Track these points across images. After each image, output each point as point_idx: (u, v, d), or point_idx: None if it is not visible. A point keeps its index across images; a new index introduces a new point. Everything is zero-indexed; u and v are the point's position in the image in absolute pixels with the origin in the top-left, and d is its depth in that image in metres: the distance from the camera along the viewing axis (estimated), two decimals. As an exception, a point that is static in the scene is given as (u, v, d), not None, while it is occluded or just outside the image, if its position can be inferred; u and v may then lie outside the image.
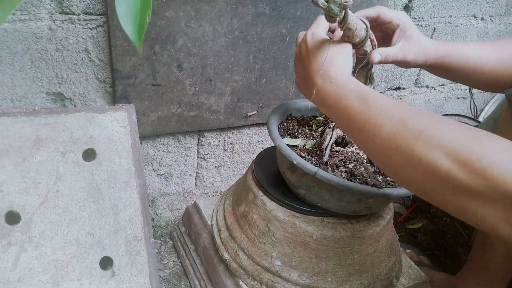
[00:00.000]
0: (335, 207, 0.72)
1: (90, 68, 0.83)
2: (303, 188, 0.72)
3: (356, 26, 0.59)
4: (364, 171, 0.71)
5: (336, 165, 0.71)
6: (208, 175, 1.13)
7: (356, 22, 0.59)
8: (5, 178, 0.71)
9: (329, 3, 0.54)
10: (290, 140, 0.75)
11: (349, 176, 0.70)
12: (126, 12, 0.35)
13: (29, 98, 0.82)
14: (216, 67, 0.92)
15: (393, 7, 1.15)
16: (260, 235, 0.77)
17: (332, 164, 0.71)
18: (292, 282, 0.75)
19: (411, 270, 0.89)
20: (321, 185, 0.69)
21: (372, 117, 0.51)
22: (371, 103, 0.53)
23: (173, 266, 1.03)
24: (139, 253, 0.79)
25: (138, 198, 0.81)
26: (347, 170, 0.71)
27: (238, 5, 0.86)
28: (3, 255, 0.69)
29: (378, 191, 0.66)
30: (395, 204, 1.31)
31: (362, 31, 0.61)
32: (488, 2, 1.30)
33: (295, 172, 0.72)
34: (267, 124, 0.75)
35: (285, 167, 0.75)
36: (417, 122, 0.48)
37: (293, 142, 0.75)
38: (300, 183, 0.72)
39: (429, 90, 1.43)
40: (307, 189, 0.72)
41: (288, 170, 0.74)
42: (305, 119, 0.84)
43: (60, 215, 0.74)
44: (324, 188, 0.69)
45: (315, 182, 0.69)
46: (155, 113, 0.92)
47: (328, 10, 0.55)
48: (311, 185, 0.70)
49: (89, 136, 0.79)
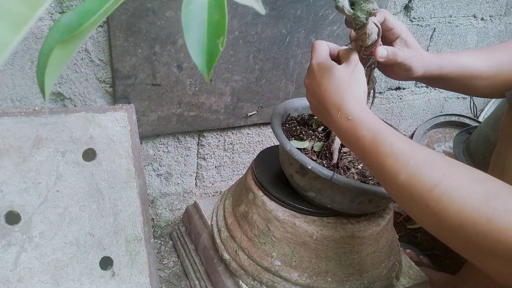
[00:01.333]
0: (346, 208, 0.72)
1: (90, 68, 0.83)
2: (313, 191, 0.72)
3: (372, 30, 0.58)
4: None
5: (346, 167, 0.71)
6: (208, 175, 1.13)
7: (372, 26, 0.58)
8: (5, 178, 0.71)
9: (355, 10, 0.52)
10: (298, 143, 0.75)
11: (361, 177, 0.70)
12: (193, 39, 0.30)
13: (29, 98, 0.82)
14: (216, 67, 0.92)
15: (393, 7, 1.15)
16: (260, 235, 0.77)
17: (343, 166, 0.71)
18: (292, 282, 0.75)
19: (411, 270, 0.89)
20: (334, 188, 0.68)
21: (388, 162, 0.52)
22: (387, 146, 0.52)
23: (173, 266, 1.03)
24: (139, 253, 0.79)
25: (138, 198, 0.81)
26: (358, 171, 0.71)
27: (238, 5, 0.86)
28: (3, 255, 0.69)
29: None
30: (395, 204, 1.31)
31: (375, 35, 0.60)
32: (488, 2, 1.30)
33: (306, 175, 0.71)
34: (272, 128, 0.75)
35: (293, 171, 0.74)
36: (431, 173, 0.48)
37: (302, 145, 0.75)
38: (311, 186, 0.72)
39: (429, 90, 1.43)
40: (318, 192, 0.71)
41: (297, 173, 0.73)
42: (303, 118, 0.84)
43: (60, 215, 0.74)
44: (337, 191, 0.69)
45: (328, 185, 0.69)
46: (155, 113, 0.92)
47: (354, 18, 0.53)
48: (323, 188, 0.70)
49: (89, 136, 0.79)
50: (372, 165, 0.55)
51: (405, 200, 0.51)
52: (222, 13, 0.30)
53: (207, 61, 0.31)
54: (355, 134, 0.56)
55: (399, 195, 0.51)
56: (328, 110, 0.59)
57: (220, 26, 0.30)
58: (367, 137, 0.55)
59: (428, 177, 0.48)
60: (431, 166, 0.49)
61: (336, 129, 0.60)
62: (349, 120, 0.56)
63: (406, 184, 0.49)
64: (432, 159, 0.50)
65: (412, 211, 0.51)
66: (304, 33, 0.97)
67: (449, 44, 1.33)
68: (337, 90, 0.58)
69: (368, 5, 0.52)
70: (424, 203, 0.47)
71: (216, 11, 0.30)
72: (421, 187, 0.48)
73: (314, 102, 0.63)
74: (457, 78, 0.72)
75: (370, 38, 0.60)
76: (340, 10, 0.52)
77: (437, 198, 0.46)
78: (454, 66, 0.71)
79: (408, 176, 0.49)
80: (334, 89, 0.58)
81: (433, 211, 0.47)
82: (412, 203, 0.50)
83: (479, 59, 0.72)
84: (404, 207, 0.53)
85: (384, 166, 0.52)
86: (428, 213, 0.47)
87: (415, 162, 0.50)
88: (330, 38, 1.01)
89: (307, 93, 0.64)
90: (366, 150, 0.55)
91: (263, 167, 0.84)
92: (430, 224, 0.49)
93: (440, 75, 0.71)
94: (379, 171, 0.54)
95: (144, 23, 0.80)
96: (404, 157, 0.51)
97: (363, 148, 0.55)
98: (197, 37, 0.30)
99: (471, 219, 0.44)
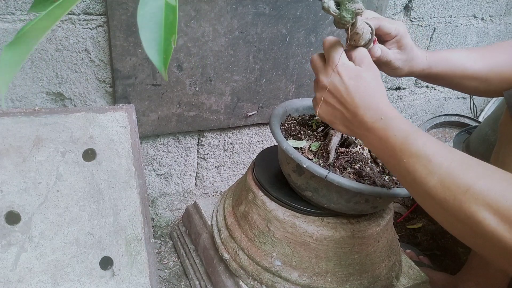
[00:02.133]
0: (343, 208, 0.72)
1: (90, 68, 0.83)
2: (310, 191, 0.72)
3: (363, 30, 0.59)
4: (370, 172, 0.71)
5: (343, 167, 0.71)
6: (208, 175, 1.13)
7: (363, 26, 0.59)
8: (5, 178, 0.71)
9: (341, 10, 0.53)
10: (295, 142, 0.75)
11: (357, 177, 0.70)
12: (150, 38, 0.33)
13: (29, 98, 0.82)
14: (216, 67, 0.92)
15: (393, 7, 1.15)
16: (260, 235, 0.77)
17: (339, 166, 0.71)
18: (292, 282, 0.75)
19: (411, 270, 0.89)
20: (330, 187, 0.68)
21: (421, 163, 0.51)
22: (420, 146, 0.52)
23: (173, 266, 1.03)
24: (139, 253, 0.79)
25: (138, 198, 0.81)
26: (354, 171, 0.71)
27: (238, 5, 0.86)
28: (3, 255, 0.69)
29: (388, 192, 0.66)
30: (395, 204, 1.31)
31: (368, 34, 0.61)
32: (488, 2, 1.30)
33: (302, 174, 0.72)
34: (270, 127, 0.75)
35: (290, 170, 0.74)
36: (465, 175, 0.47)
37: (299, 144, 0.75)
38: (307, 186, 0.72)
39: (429, 90, 1.43)
40: (315, 191, 0.72)
41: (294, 172, 0.73)
42: (304, 119, 0.84)
43: (60, 215, 0.74)
44: (333, 190, 0.69)
45: (323, 185, 0.69)
46: (155, 113, 0.92)
47: (340, 18, 0.54)
48: (319, 188, 0.70)
49: (89, 136, 0.79)
50: (400, 166, 0.53)
51: (434, 203, 0.50)
52: (175, 14, 0.33)
53: (163, 59, 0.33)
54: (386, 133, 0.55)
55: (428, 197, 0.50)
56: (355, 111, 0.58)
57: (173, 26, 0.33)
58: (398, 136, 0.54)
59: (463, 178, 0.47)
60: (465, 168, 0.48)
61: (364, 130, 0.58)
62: (382, 119, 0.56)
63: (439, 185, 0.48)
64: (467, 161, 0.49)
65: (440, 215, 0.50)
66: (304, 33, 0.97)
67: (449, 44, 1.33)
68: (367, 91, 0.57)
69: (353, 5, 0.52)
70: (457, 205, 0.46)
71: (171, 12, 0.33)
72: (455, 189, 0.47)
73: (335, 104, 0.61)
74: (448, 76, 0.72)
75: (363, 38, 0.60)
76: (326, 10, 0.53)
77: (472, 197, 0.45)
78: (445, 64, 0.71)
79: (441, 178, 0.48)
80: (364, 90, 0.57)
81: (466, 214, 0.46)
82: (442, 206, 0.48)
83: (472, 58, 0.71)
84: (431, 210, 0.52)
85: (415, 167, 0.51)
86: (460, 216, 0.46)
87: (449, 164, 0.49)
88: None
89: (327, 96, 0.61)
90: (396, 150, 0.54)
91: (263, 167, 0.84)
92: (460, 228, 0.48)
93: (430, 74, 0.71)
94: (407, 172, 0.52)
95: (144, 23, 0.80)
96: (438, 158, 0.50)
97: (392, 148, 0.54)
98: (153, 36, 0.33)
99: (509, 221, 0.42)
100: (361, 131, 0.59)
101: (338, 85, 0.59)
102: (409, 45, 0.68)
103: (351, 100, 0.58)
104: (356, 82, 0.58)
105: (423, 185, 0.50)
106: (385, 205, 0.78)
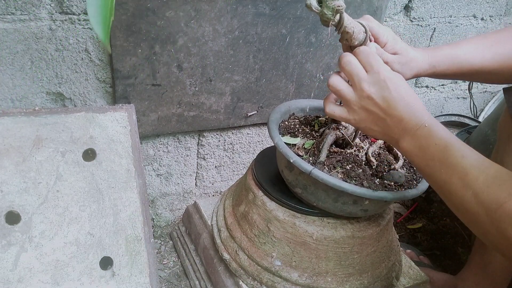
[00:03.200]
0: (331, 208, 0.71)
1: (90, 68, 0.83)
2: (299, 187, 0.73)
3: (353, 30, 0.59)
4: (361, 173, 0.71)
5: (333, 166, 0.71)
6: (208, 175, 1.13)
7: (354, 25, 0.59)
8: (5, 178, 0.71)
9: (322, 7, 0.55)
10: (289, 139, 0.75)
11: (345, 177, 0.70)
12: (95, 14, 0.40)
13: (29, 98, 0.82)
14: (216, 67, 0.92)
15: (393, 7, 1.15)
16: (260, 235, 0.77)
17: (330, 164, 0.71)
18: (292, 282, 0.75)
19: (411, 270, 0.89)
20: (317, 184, 0.69)
21: (457, 175, 0.51)
22: (459, 159, 0.52)
23: (173, 266, 1.03)
24: (139, 253, 0.79)
25: (138, 198, 0.81)
26: (344, 171, 0.71)
27: (238, 5, 0.86)
28: (3, 255, 0.69)
29: (373, 193, 0.65)
30: (395, 204, 1.31)
31: (361, 34, 0.61)
32: (488, 2, 1.31)
33: (293, 170, 0.72)
34: (267, 122, 0.75)
35: (283, 166, 0.75)
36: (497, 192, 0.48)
37: (292, 141, 0.75)
38: (297, 182, 0.72)
39: (429, 90, 1.44)
40: (304, 188, 0.72)
41: (286, 168, 0.74)
42: (307, 119, 0.84)
43: (60, 215, 0.74)
44: (320, 188, 0.69)
45: (311, 182, 0.69)
46: (155, 113, 0.92)
47: (321, 15, 0.55)
48: (308, 184, 0.71)
49: (89, 136, 0.79)
50: (436, 176, 0.54)
51: (468, 215, 0.51)
52: None
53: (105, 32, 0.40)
54: (427, 141, 0.55)
55: (463, 209, 0.51)
56: (399, 117, 0.57)
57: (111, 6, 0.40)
58: (439, 146, 0.53)
59: (495, 195, 0.48)
60: (498, 184, 0.48)
61: (405, 136, 0.57)
62: (426, 127, 0.55)
63: (473, 199, 0.49)
64: (501, 175, 0.49)
65: (474, 226, 0.51)
66: (304, 33, 0.97)
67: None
68: (410, 98, 0.57)
69: (334, 2, 0.54)
70: (488, 221, 0.48)
71: None
72: (488, 205, 0.48)
73: (378, 112, 0.59)
74: (455, 74, 0.71)
75: (356, 38, 0.61)
76: (308, 7, 0.54)
77: (500, 218, 0.46)
78: (450, 63, 0.69)
79: (475, 193, 0.49)
80: (408, 97, 0.57)
81: (497, 230, 0.47)
82: (476, 219, 0.49)
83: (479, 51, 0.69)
84: (465, 221, 0.53)
85: (451, 179, 0.51)
86: (491, 231, 0.48)
87: (485, 179, 0.49)
88: (330, 38, 1.01)
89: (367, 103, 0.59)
90: (434, 159, 0.54)
91: (263, 167, 0.84)
92: (492, 240, 0.49)
93: (435, 73, 0.70)
94: (443, 183, 0.53)
95: (144, 23, 0.80)
96: (474, 172, 0.50)
97: (431, 157, 0.54)
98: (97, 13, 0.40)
99: None
100: (401, 137, 0.58)
101: (383, 92, 0.58)
102: (403, 49, 0.67)
103: (395, 105, 0.57)
104: (401, 89, 0.57)
105: (458, 198, 0.51)
106: (377, 209, 0.76)
